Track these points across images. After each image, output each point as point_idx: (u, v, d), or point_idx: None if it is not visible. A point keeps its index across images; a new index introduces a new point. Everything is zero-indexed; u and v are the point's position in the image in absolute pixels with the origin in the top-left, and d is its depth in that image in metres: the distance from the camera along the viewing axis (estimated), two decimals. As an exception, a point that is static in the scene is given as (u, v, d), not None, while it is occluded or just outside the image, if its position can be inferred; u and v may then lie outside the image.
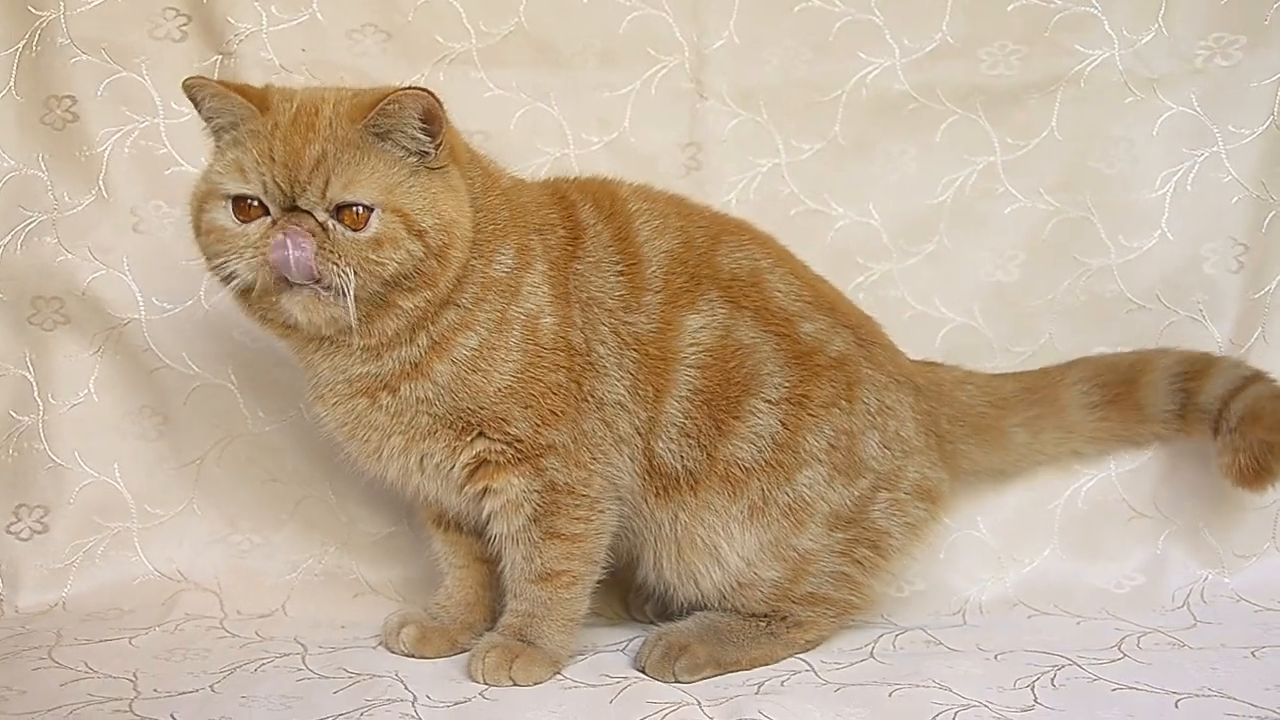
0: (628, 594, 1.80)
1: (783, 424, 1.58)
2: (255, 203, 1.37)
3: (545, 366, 1.50)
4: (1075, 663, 1.57)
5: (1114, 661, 1.59)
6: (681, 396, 1.56)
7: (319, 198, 1.35)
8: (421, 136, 1.38)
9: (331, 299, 1.37)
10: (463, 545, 1.69)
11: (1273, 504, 1.85)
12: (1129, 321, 1.91)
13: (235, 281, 1.39)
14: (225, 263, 1.39)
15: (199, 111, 1.43)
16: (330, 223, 1.36)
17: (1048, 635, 1.69)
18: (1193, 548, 1.85)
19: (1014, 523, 1.89)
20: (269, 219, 1.37)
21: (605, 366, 1.54)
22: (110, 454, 1.87)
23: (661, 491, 1.58)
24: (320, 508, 1.89)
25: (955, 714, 1.41)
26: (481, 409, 1.49)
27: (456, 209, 1.42)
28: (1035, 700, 1.46)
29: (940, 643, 1.68)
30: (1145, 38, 1.88)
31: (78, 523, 1.86)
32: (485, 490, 1.54)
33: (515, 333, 1.49)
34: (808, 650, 1.63)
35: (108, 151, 1.85)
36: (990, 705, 1.44)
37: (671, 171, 1.90)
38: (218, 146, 1.43)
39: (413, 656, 1.61)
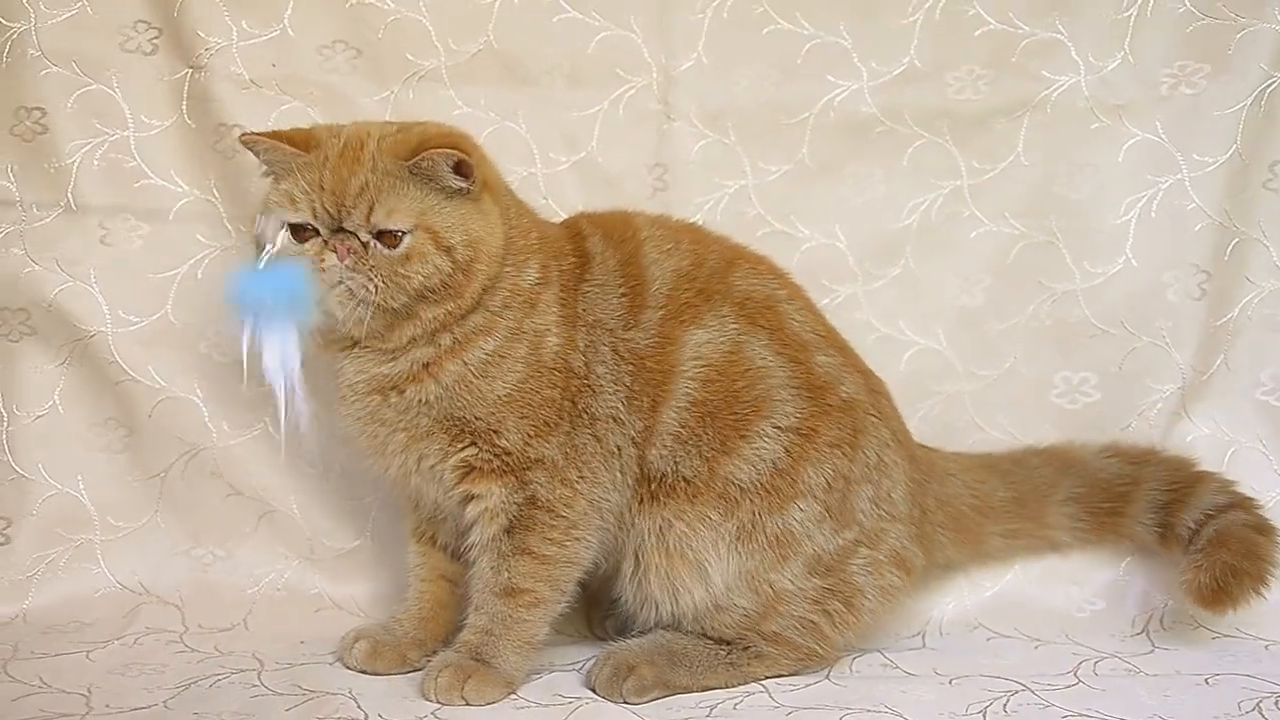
0: (590, 610, 1.81)
1: (786, 451, 1.58)
2: (309, 227, 1.50)
3: (544, 381, 1.56)
4: (1029, 688, 1.57)
5: (1069, 687, 1.59)
6: (680, 407, 1.58)
7: (363, 221, 1.48)
8: (455, 182, 1.51)
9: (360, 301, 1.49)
10: (432, 559, 1.71)
11: (1232, 530, 1.87)
12: (1093, 347, 1.92)
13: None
14: None
15: (258, 159, 1.57)
16: (372, 243, 1.49)
17: (1005, 659, 1.70)
18: (1154, 573, 1.85)
19: (978, 545, 1.89)
20: (321, 239, 1.50)
21: (602, 385, 1.59)
22: (74, 466, 1.87)
23: (650, 498, 1.59)
24: (284, 522, 1.89)
25: (904, 739, 1.42)
26: (478, 418, 1.54)
27: (485, 229, 1.53)
28: (985, 726, 1.47)
29: (897, 666, 1.68)
30: (1111, 64, 1.89)
31: (40, 534, 1.86)
32: (469, 496, 1.57)
33: (524, 345, 1.56)
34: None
35: (77, 163, 1.85)
36: (939, 730, 1.45)
37: (639, 192, 1.91)
38: (275, 181, 1.55)
39: (365, 672, 1.62)
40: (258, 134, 1.55)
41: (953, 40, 1.89)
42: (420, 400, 1.54)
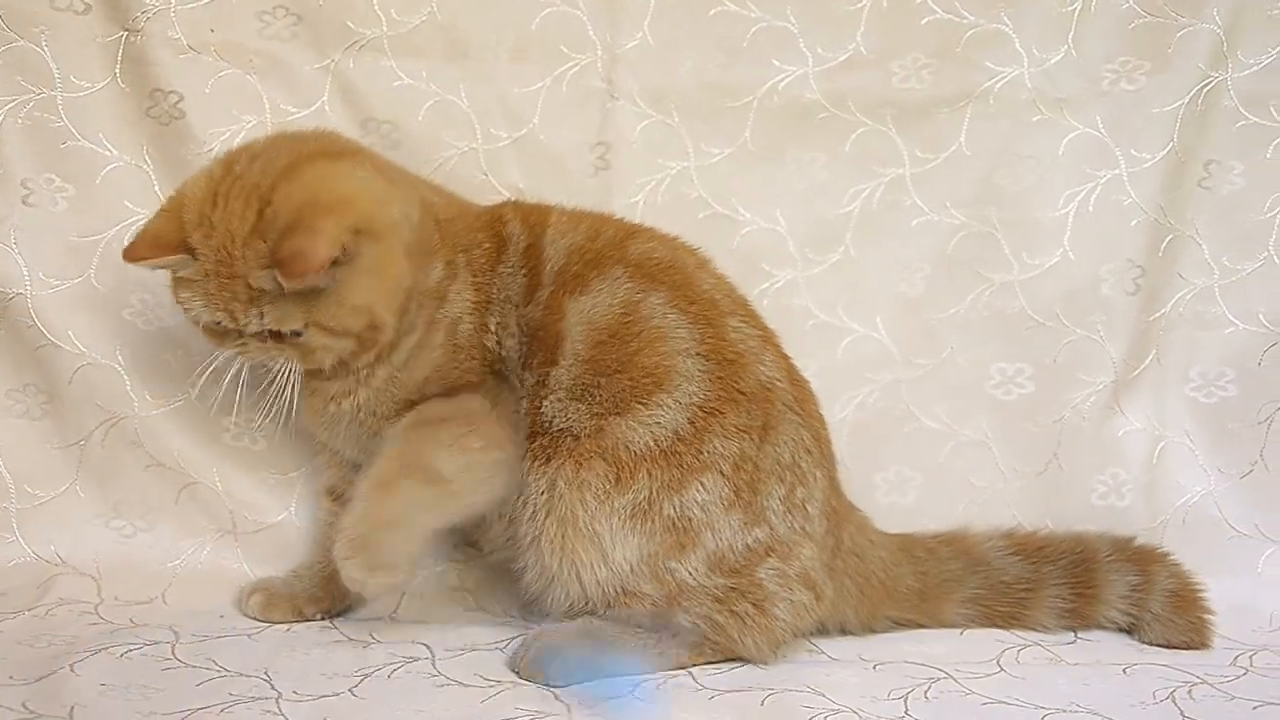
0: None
1: (690, 421, 1.54)
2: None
3: (462, 357, 1.59)
4: (951, 676, 1.58)
5: (989, 675, 1.59)
6: (569, 364, 1.57)
7: (259, 325, 1.48)
8: (326, 280, 1.45)
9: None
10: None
11: (1159, 522, 1.89)
12: (1029, 338, 1.92)
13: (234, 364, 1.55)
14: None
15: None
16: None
17: (930, 647, 1.69)
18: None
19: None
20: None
21: (510, 356, 1.62)
22: (-10, 432, 1.82)
23: (541, 454, 1.56)
24: (205, 495, 1.84)
25: (825, 718, 1.42)
26: (407, 399, 1.58)
27: (370, 289, 1.49)
28: (906, 711, 1.47)
29: (823, 651, 1.67)
30: (1054, 57, 1.89)
31: (-46, 502, 1.81)
32: None
33: (440, 333, 1.58)
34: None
35: (0, 121, 1.80)
36: (860, 712, 1.44)
37: (580, 170, 1.89)
38: (174, 285, 1.54)
39: (260, 621, 1.67)
40: (137, 255, 1.50)
41: (899, 28, 1.89)
42: (354, 406, 1.60)
